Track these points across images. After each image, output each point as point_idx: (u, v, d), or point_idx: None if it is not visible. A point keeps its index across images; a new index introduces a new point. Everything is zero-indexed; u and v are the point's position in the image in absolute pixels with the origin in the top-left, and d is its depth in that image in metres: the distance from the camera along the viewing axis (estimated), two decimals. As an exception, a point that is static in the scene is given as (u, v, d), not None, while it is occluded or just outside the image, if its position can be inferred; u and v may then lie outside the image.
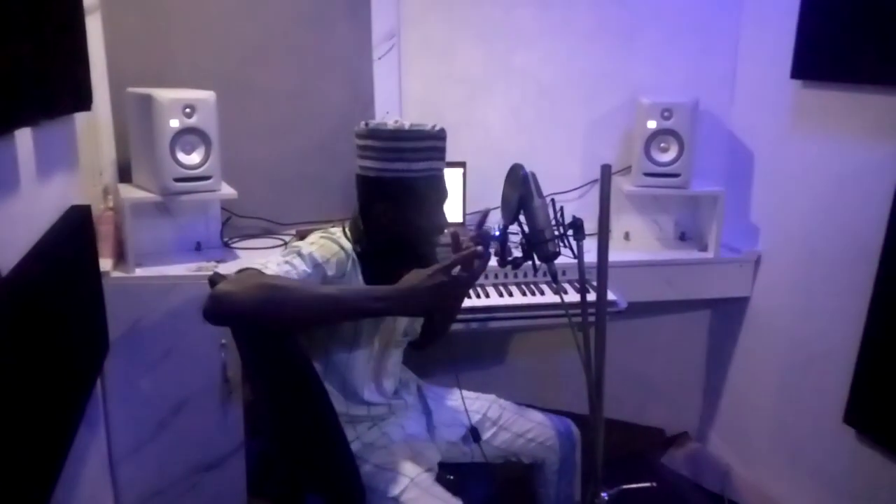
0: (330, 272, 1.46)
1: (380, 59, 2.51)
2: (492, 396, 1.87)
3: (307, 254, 1.44)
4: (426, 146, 1.49)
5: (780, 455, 2.41)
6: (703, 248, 2.51)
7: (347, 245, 1.53)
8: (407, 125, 1.49)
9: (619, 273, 2.27)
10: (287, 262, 1.40)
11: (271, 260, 1.42)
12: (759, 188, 2.49)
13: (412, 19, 2.52)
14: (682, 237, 2.62)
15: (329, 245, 1.49)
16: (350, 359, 1.56)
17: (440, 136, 1.52)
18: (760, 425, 2.51)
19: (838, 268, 2.11)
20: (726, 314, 2.68)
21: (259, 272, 1.36)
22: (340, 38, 2.49)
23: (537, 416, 1.85)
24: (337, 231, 1.57)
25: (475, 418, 1.78)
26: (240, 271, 1.39)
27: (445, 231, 1.56)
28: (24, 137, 1.39)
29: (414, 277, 1.35)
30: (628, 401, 2.82)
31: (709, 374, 2.84)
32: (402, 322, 1.67)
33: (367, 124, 1.51)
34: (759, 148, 2.50)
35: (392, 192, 1.49)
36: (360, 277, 1.53)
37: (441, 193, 1.55)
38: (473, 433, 1.72)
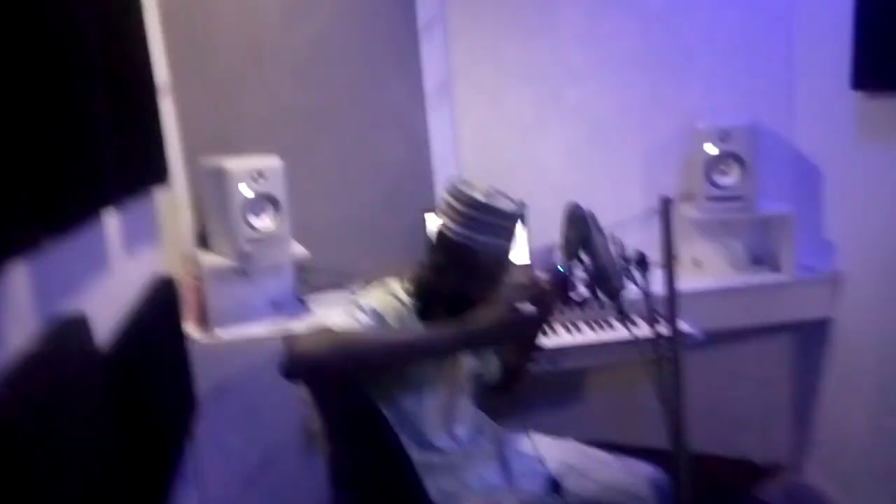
0: (391, 323, 1.52)
1: (433, 109, 2.59)
2: (571, 442, 1.83)
3: (367, 306, 1.50)
4: (494, 223, 1.53)
5: (883, 483, 2.27)
6: (778, 270, 2.44)
7: (406, 299, 1.58)
8: (493, 194, 1.54)
9: (692, 301, 2.22)
10: (350, 316, 1.47)
11: (334, 313, 1.49)
12: (831, 204, 2.41)
13: (462, 67, 2.59)
14: (755, 260, 2.55)
15: (387, 298, 1.55)
16: (419, 407, 1.58)
17: (512, 217, 1.55)
18: (859, 452, 2.38)
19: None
20: (810, 337, 2.58)
21: (328, 328, 1.42)
22: (394, 93, 2.58)
23: (622, 463, 1.77)
24: (395, 284, 1.62)
25: (554, 466, 1.72)
26: (309, 329, 1.45)
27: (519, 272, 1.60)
28: (110, 218, 1.50)
29: (481, 314, 1.39)
30: (714, 433, 2.72)
31: (797, 401, 2.72)
32: (466, 367, 1.68)
33: (459, 181, 1.57)
34: (825, 163, 2.43)
35: (455, 254, 1.53)
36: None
37: (498, 271, 1.57)
38: (554, 485, 1.69)
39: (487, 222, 1.51)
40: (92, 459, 1.05)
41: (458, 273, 1.54)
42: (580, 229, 1.58)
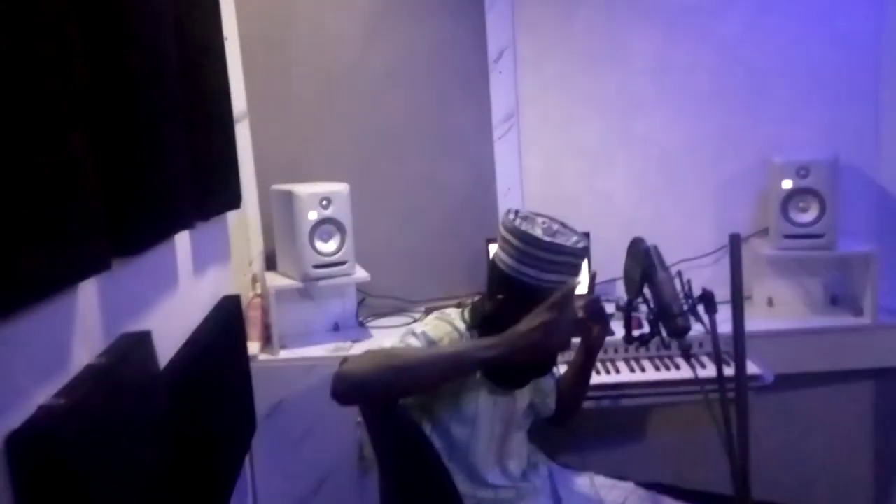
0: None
1: (500, 138, 2.60)
2: (630, 485, 1.76)
3: (420, 332, 1.50)
4: (559, 261, 1.47)
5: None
6: (859, 313, 2.31)
7: (463, 328, 1.56)
8: (553, 229, 1.49)
9: (764, 343, 2.14)
10: (402, 342, 1.47)
11: (389, 339, 1.49)
12: (918, 245, 2.28)
13: (530, 97, 2.60)
14: (834, 301, 2.43)
15: (442, 325, 1.54)
16: (472, 440, 1.56)
17: (579, 254, 1.50)
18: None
19: None
20: (893, 385, 2.42)
21: (375, 350, 1.44)
22: (462, 122, 2.61)
23: None
24: (453, 312, 1.61)
25: None
26: (362, 354, 1.46)
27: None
28: (182, 239, 1.57)
29: (521, 323, 1.38)
30: (787, 482, 2.58)
31: (878, 452, 2.55)
32: (523, 401, 1.65)
33: (516, 214, 1.52)
34: (913, 201, 2.30)
35: (518, 293, 1.48)
36: None
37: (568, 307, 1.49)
38: None
39: (548, 260, 1.46)
40: (148, 472, 1.09)
41: (518, 307, 1.49)
42: (643, 264, 1.54)
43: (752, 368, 2.01)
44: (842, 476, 2.60)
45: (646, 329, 1.58)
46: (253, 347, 2.18)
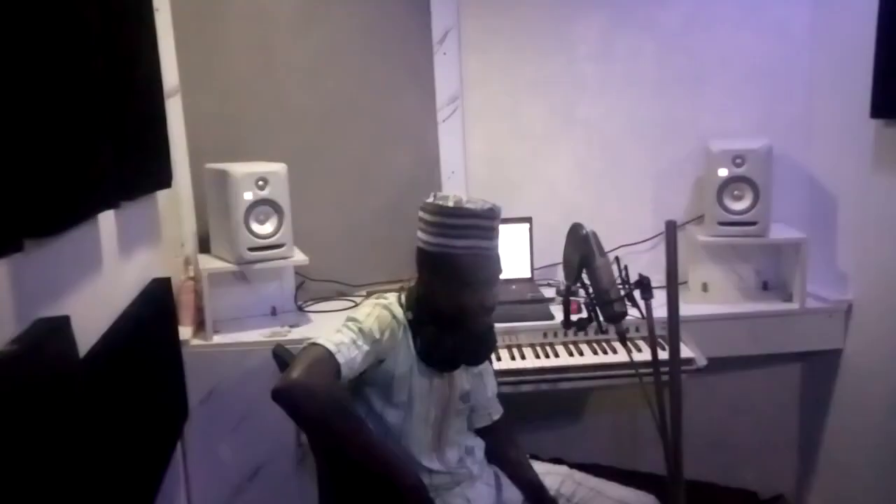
0: (384, 344, 1.51)
1: (444, 121, 2.57)
2: (565, 469, 1.78)
3: (368, 330, 1.48)
4: (468, 224, 1.49)
5: (889, 522, 2.21)
6: (788, 298, 2.39)
7: (400, 314, 1.56)
8: (463, 200, 1.50)
9: (698, 327, 2.19)
10: (353, 343, 1.45)
11: (336, 333, 1.47)
12: (845, 233, 2.36)
13: (474, 81, 2.57)
14: (765, 287, 2.50)
15: (384, 316, 1.53)
16: (406, 424, 1.56)
17: (485, 215, 1.50)
18: (864, 488, 2.31)
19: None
20: (818, 368, 2.52)
21: (328, 356, 1.41)
22: (406, 104, 2.57)
23: (616, 491, 1.72)
24: (392, 297, 1.60)
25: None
26: (309, 345, 1.43)
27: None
28: (106, 219, 1.49)
29: (409, 474, 1.44)
30: (716, 462, 2.67)
31: (803, 433, 2.66)
32: (460, 387, 1.65)
33: (434, 195, 1.54)
34: (841, 191, 2.38)
35: (437, 265, 1.52)
36: (411, 344, 1.56)
37: (485, 272, 1.52)
38: None
39: (457, 225, 1.49)
40: (65, 464, 1.03)
41: (442, 282, 1.52)
42: (582, 250, 1.54)
43: (685, 352, 2.05)
44: (768, 456, 2.71)
45: (584, 314, 1.59)
46: (185, 332, 2.11)
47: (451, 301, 1.52)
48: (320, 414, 1.38)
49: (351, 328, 1.48)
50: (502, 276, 1.57)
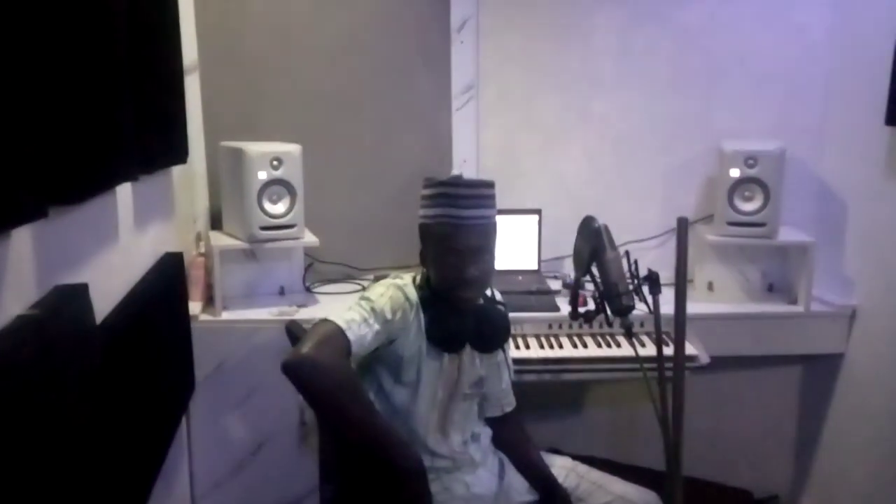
0: (396, 325, 1.53)
1: (458, 110, 2.58)
2: (569, 462, 1.80)
3: (380, 310, 1.50)
4: (435, 193, 1.55)
5: (881, 526, 2.23)
6: (793, 301, 2.39)
7: (413, 294, 1.58)
8: (462, 176, 1.58)
9: (702, 325, 2.20)
10: (364, 321, 1.47)
11: (349, 311, 1.49)
12: (854, 239, 2.36)
13: (490, 71, 2.58)
14: (770, 289, 2.51)
15: (397, 296, 1.55)
16: (412, 404, 1.58)
17: (451, 182, 1.56)
18: (858, 493, 2.33)
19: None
20: (819, 371, 2.53)
21: (339, 332, 1.43)
22: (421, 90, 2.57)
23: (618, 486, 1.74)
24: (407, 278, 1.63)
25: None
26: (320, 321, 1.45)
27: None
28: (124, 191, 1.50)
29: (410, 450, 1.46)
30: (713, 460, 2.68)
31: (801, 435, 2.67)
32: (472, 374, 1.67)
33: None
34: (851, 197, 2.38)
35: (422, 238, 1.60)
36: (422, 325, 1.57)
37: (457, 241, 1.52)
38: None
39: (428, 195, 1.56)
40: (79, 428, 1.05)
41: (428, 255, 1.58)
42: (593, 243, 1.55)
43: (689, 349, 2.06)
44: (764, 457, 2.72)
45: (591, 306, 1.61)
46: (194, 307, 2.13)
47: (436, 273, 1.57)
48: (327, 390, 1.40)
49: (363, 307, 1.50)
50: (509, 267, 1.59)
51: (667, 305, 1.50)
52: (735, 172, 2.33)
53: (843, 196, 2.41)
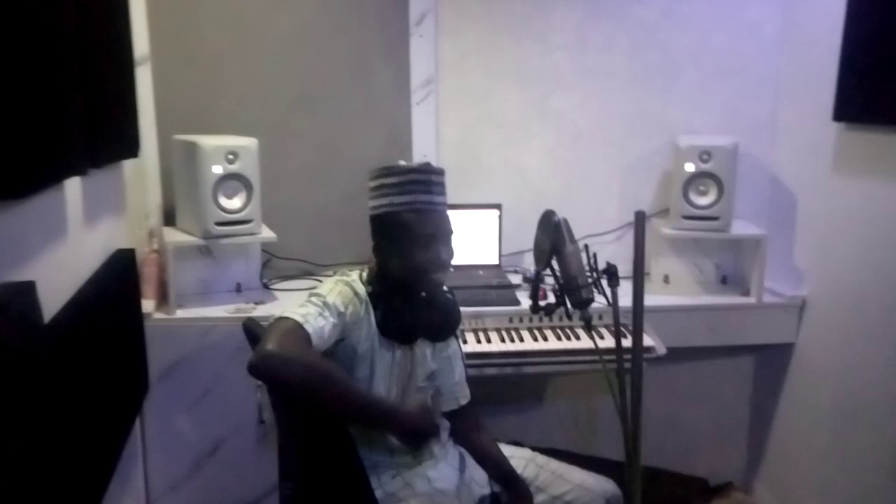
0: (348, 319, 1.53)
1: (418, 104, 2.56)
2: (528, 453, 1.81)
3: (332, 304, 1.50)
4: (405, 180, 1.55)
5: (830, 509, 2.30)
6: (746, 293, 2.45)
7: (361, 289, 1.58)
8: (401, 162, 1.59)
9: (659, 317, 2.24)
10: (320, 314, 1.46)
11: (302, 307, 1.48)
12: (803, 231, 2.44)
13: (449, 65, 2.57)
14: (724, 281, 2.57)
15: (346, 292, 1.55)
16: None
17: (421, 169, 1.57)
18: (809, 477, 2.41)
19: (889, 314, 2.03)
20: (771, 361, 2.60)
21: (297, 326, 1.42)
22: (380, 85, 2.55)
23: (577, 475, 1.76)
24: (353, 274, 1.63)
25: None
26: (277, 319, 1.43)
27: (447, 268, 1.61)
28: (72, 186, 1.45)
29: (406, 407, 1.53)
30: (670, 449, 2.74)
31: (753, 423, 2.75)
32: (424, 367, 1.66)
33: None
34: (801, 191, 2.45)
35: (385, 227, 1.58)
36: (372, 319, 1.57)
37: (430, 227, 1.55)
38: (494, 500, 1.69)
39: (395, 183, 1.55)
40: (26, 429, 1.01)
41: (392, 244, 1.57)
42: (553, 237, 1.56)
43: (646, 341, 2.10)
44: (719, 445, 2.79)
45: (551, 299, 1.62)
46: (147, 305, 2.07)
47: (402, 262, 1.56)
48: (299, 379, 1.39)
49: (315, 302, 1.50)
50: (469, 262, 1.59)
51: (624, 298, 1.53)
52: (690, 167, 2.37)
53: (793, 190, 2.48)
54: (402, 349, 1.61)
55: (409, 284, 1.57)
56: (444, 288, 1.69)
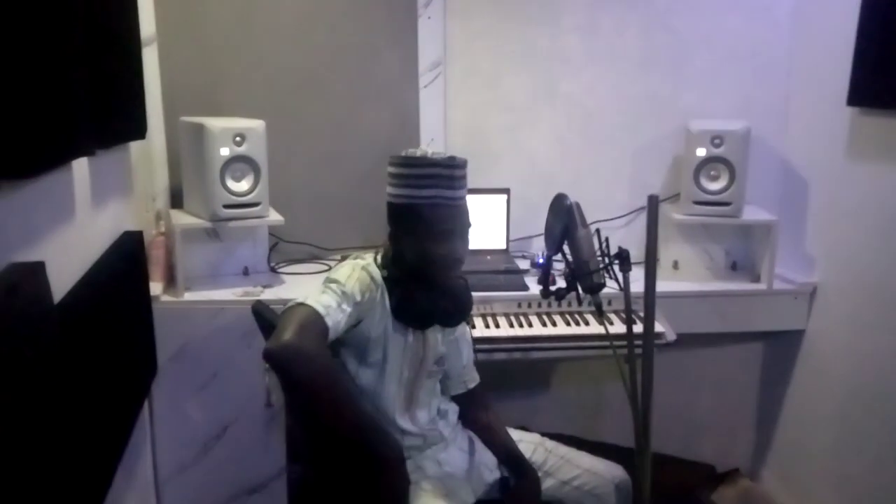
0: (364, 305, 1.50)
1: (426, 87, 2.54)
2: (537, 437, 1.81)
3: (350, 293, 1.47)
4: (429, 173, 1.51)
5: (837, 497, 2.30)
6: (756, 279, 2.43)
7: (377, 274, 1.56)
8: (428, 152, 1.53)
9: (668, 303, 2.22)
10: (339, 306, 1.44)
11: (322, 294, 1.46)
12: (815, 217, 2.41)
13: (458, 48, 2.54)
14: (734, 267, 2.55)
15: (364, 277, 1.52)
16: (379, 385, 1.56)
17: (446, 164, 1.52)
18: (817, 465, 2.40)
19: (900, 302, 2.02)
20: (780, 348, 2.59)
21: (318, 318, 1.39)
22: (387, 67, 2.53)
23: (585, 460, 1.76)
24: (368, 257, 1.60)
25: None
26: (298, 305, 1.41)
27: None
28: (80, 167, 1.44)
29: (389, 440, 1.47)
30: (677, 435, 2.74)
31: (761, 410, 2.74)
32: (434, 351, 1.65)
33: (404, 152, 1.55)
34: (813, 176, 2.42)
35: (404, 217, 1.54)
36: (387, 303, 1.55)
37: (449, 222, 1.53)
38: (503, 485, 1.69)
39: (419, 175, 1.51)
40: (37, 411, 1.01)
41: (409, 234, 1.54)
42: (564, 220, 1.55)
43: (657, 327, 2.08)
44: (726, 431, 2.79)
45: (561, 284, 1.61)
46: (155, 288, 2.07)
47: (418, 253, 1.53)
48: (308, 379, 1.37)
49: (335, 290, 1.46)
50: (477, 247, 1.56)
51: (636, 283, 1.51)
52: (701, 152, 2.35)
53: (806, 175, 2.46)
54: (415, 334, 1.59)
55: (421, 273, 1.55)
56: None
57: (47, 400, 1.05)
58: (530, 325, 2.17)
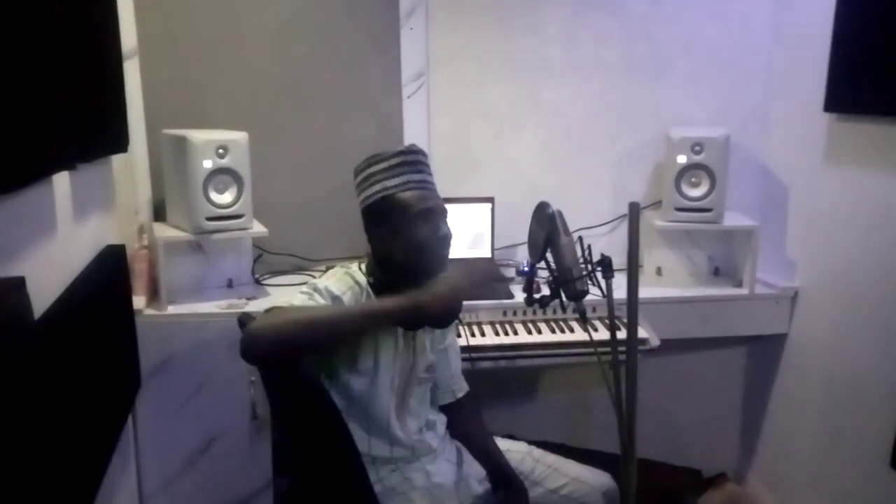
0: (347, 303, 1.51)
1: (409, 97, 2.55)
2: (524, 447, 1.81)
3: (324, 288, 1.49)
4: (395, 162, 1.55)
5: (822, 499, 2.32)
6: (738, 284, 2.46)
7: (362, 279, 1.57)
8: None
9: (651, 309, 2.24)
10: (310, 298, 1.46)
11: (294, 298, 1.48)
12: (795, 222, 2.44)
13: (441, 58, 2.55)
14: (716, 272, 2.57)
15: (344, 278, 1.55)
16: (371, 392, 1.56)
17: (408, 150, 1.57)
18: (801, 468, 2.42)
19: (880, 305, 2.05)
20: (763, 352, 2.61)
21: (280, 308, 1.42)
22: (371, 78, 2.53)
23: (573, 469, 1.77)
24: (353, 266, 1.62)
25: None
26: (267, 310, 1.42)
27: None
28: (61, 181, 1.43)
29: (428, 287, 1.43)
30: (663, 440, 2.75)
31: (746, 414, 2.76)
32: (424, 359, 1.65)
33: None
34: (793, 182, 2.46)
35: (383, 213, 1.55)
36: None
37: (427, 202, 1.54)
38: (491, 496, 1.69)
39: (386, 167, 1.55)
40: (18, 428, 1.00)
41: (392, 228, 1.54)
42: (547, 228, 1.56)
43: (640, 333, 2.09)
44: (712, 436, 2.80)
45: (545, 292, 1.62)
46: (138, 301, 2.06)
47: (405, 244, 1.53)
48: (291, 332, 1.35)
49: (305, 290, 1.50)
50: (462, 255, 1.57)
51: (618, 290, 1.52)
52: (682, 159, 2.37)
53: (785, 181, 2.49)
54: (405, 338, 1.60)
55: (413, 269, 1.53)
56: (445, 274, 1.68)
57: (28, 417, 1.04)
58: (515, 332, 2.18)
